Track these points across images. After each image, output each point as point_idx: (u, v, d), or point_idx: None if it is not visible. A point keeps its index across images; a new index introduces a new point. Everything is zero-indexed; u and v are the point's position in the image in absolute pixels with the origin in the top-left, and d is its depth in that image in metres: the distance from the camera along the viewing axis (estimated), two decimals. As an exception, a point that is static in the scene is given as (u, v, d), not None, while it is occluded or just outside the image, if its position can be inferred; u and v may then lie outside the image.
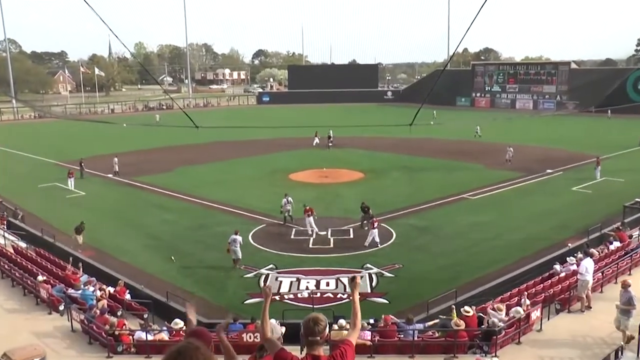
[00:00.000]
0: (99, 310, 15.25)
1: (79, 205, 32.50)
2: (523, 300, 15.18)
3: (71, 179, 36.19)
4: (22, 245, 23.74)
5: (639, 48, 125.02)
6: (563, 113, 74.98)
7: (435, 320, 15.34)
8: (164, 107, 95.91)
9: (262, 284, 20.27)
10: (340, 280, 20.40)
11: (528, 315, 14.33)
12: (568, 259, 19.21)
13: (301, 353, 4.34)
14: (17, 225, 26.94)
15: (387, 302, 18.85)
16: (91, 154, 46.81)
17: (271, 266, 22.09)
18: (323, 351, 4.23)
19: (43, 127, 72.21)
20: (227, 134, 50.26)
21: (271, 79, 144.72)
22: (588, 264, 15.75)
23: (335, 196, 33.35)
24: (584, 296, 15.62)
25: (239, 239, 22.59)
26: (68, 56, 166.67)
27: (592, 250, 19.11)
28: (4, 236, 24.41)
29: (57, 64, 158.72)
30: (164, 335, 14.72)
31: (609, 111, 68.43)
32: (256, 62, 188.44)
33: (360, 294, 4.76)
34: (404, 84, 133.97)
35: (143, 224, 28.44)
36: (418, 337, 14.02)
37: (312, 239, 25.29)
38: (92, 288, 17.71)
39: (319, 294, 19.30)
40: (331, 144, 52.17)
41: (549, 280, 17.79)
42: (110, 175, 40.03)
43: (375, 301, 18.78)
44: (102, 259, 22.67)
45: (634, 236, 22.10)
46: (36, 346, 13.70)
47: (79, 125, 67.04)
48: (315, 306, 17.77)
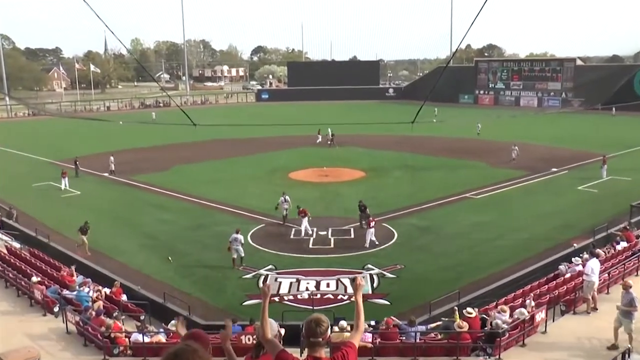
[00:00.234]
0: (95, 312, 15.24)
1: (74, 205, 32.51)
2: (527, 301, 15.19)
3: (65, 179, 35.90)
4: (16, 245, 23.70)
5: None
6: (568, 111, 74.98)
7: (438, 322, 15.35)
8: (161, 104, 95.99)
9: (261, 284, 20.28)
10: (341, 281, 20.41)
11: (532, 317, 14.33)
12: (573, 259, 19.20)
13: (301, 355, 4.34)
14: (10, 225, 26.91)
15: (388, 303, 18.86)
16: (86, 152, 46.82)
17: (270, 267, 22.11)
18: (324, 353, 4.22)
19: (37, 125, 72.17)
20: (226, 132, 50.22)
21: (270, 76, 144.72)
22: (594, 265, 15.74)
23: (336, 195, 33.37)
24: (590, 297, 15.62)
25: (240, 237, 22.62)
26: (63, 52, 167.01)
27: (598, 250, 19.08)
28: (-3, 236, 24.42)
29: (52, 61, 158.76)
30: (161, 337, 14.72)
31: (614, 108, 68.39)
32: (255, 58, 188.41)
33: (362, 295, 4.75)
34: (406, 81, 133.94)
35: (139, 223, 28.46)
36: (420, 339, 14.03)
37: (312, 239, 25.31)
38: (87, 289, 17.73)
39: (319, 295, 19.31)
40: (330, 142, 52.15)
41: (554, 281, 17.80)
42: (106, 174, 40.04)
43: (377, 302, 18.78)
44: (98, 260, 22.69)
45: (640, 236, 22.08)
46: (30, 348, 13.70)
47: (74, 123, 67.00)
48: (315, 307, 17.79)
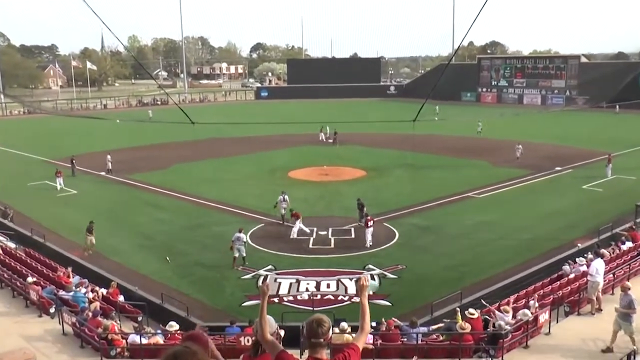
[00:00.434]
0: (91, 313, 15.24)
1: (71, 204, 32.50)
2: (531, 302, 15.18)
3: (59, 179, 35.66)
4: (11, 245, 23.71)
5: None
6: (572, 108, 74.93)
7: (440, 324, 15.34)
8: (159, 102, 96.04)
9: (260, 284, 20.29)
10: (342, 282, 20.42)
11: (536, 318, 14.33)
12: (578, 259, 19.19)
13: (301, 356, 4.33)
14: (5, 225, 26.91)
15: (389, 304, 18.86)
16: (83, 151, 46.83)
17: (270, 267, 22.11)
18: (325, 354, 4.21)
19: (33, 123, 72.18)
20: (224, 130, 50.22)
21: (270, 74, 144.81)
22: (599, 265, 15.73)
23: (336, 195, 33.36)
24: (594, 298, 15.61)
25: (243, 236, 22.75)
26: (59, 50, 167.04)
27: (603, 250, 19.04)
28: (-8, 236, 24.41)
29: (48, 58, 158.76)
30: (159, 339, 14.71)
31: (617, 106, 68.41)
32: (254, 55, 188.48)
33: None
34: (407, 78, 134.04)
35: (137, 223, 28.45)
36: (422, 341, 14.03)
37: (312, 239, 25.32)
38: (84, 290, 17.73)
39: (319, 296, 19.32)
40: (330, 140, 52.16)
41: (558, 282, 17.80)
42: (103, 173, 40.04)
43: (378, 303, 18.74)
44: (94, 260, 22.67)
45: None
46: (26, 350, 13.70)
47: (70, 121, 66.98)
48: (315, 308, 17.80)
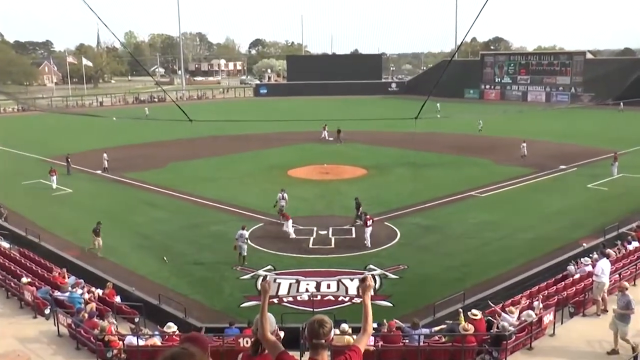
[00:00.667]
0: (87, 314, 15.23)
1: (66, 203, 32.52)
2: (535, 303, 15.18)
3: (54, 177, 35.50)
4: (5, 245, 23.70)
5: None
6: (578, 106, 74.86)
7: (442, 325, 15.33)
8: (156, 99, 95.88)
9: (259, 284, 20.31)
10: (342, 282, 20.43)
11: (540, 319, 14.32)
12: (583, 259, 19.19)
13: (301, 358, 4.33)
14: None
15: (391, 305, 18.86)
16: (78, 149, 46.75)
17: (269, 267, 22.12)
18: (326, 356, 4.21)
19: (27, 121, 72.13)
20: (223, 128, 50.19)
21: (269, 70, 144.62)
22: (604, 265, 15.73)
23: (337, 193, 33.35)
24: (600, 299, 15.60)
25: (245, 234, 22.82)
26: (54, 46, 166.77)
27: (609, 250, 19.08)
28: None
29: (42, 54, 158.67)
30: (156, 340, 14.71)
31: (621, 103, 68.41)
32: (253, 52, 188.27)
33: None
34: (409, 75, 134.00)
35: (133, 222, 28.44)
36: (424, 343, 14.03)
37: (312, 238, 25.33)
38: (80, 291, 17.72)
39: (319, 297, 19.33)
40: (331, 138, 52.17)
41: (563, 282, 17.79)
42: (99, 172, 40.03)
43: (379, 304, 18.73)
44: (90, 260, 22.70)
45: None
46: (20, 352, 13.70)
47: (65, 118, 66.95)
48: (315, 309, 17.80)
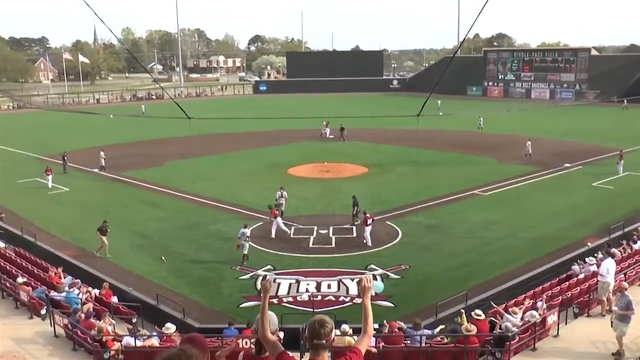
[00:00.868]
0: (84, 314, 15.24)
1: (62, 202, 32.53)
2: (539, 303, 15.18)
3: (49, 177, 35.34)
4: (0, 244, 23.68)
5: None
6: (582, 103, 74.78)
7: (442, 327, 15.33)
8: (154, 96, 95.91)
9: (259, 284, 20.32)
10: (343, 282, 20.43)
11: (544, 320, 14.32)
12: (588, 259, 19.20)
13: (301, 358, 4.33)
14: (-5, 224, 26.89)
15: (392, 305, 18.86)
16: (75, 147, 46.78)
17: (269, 267, 22.12)
18: (327, 357, 4.21)
19: (23, 118, 72.09)
20: (222, 125, 50.13)
21: (268, 67, 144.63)
22: (609, 265, 15.73)
23: (337, 192, 33.31)
24: (605, 299, 15.60)
25: (248, 232, 22.89)
26: (49, 42, 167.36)
27: (614, 250, 19.08)
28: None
29: (38, 51, 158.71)
30: (154, 341, 14.71)
31: (625, 101, 68.40)
32: (252, 48, 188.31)
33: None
34: (411, 72, 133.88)
35: (131, 221, 28.43)
36: (425, 343, 14.03)
37: (312, 237, 25.33)
38: (77, 291, 17.71)
39: (319, 297, 19.33)
40: (332, 136, 52.20)
41: (567, 282, 17.81)
42: (96, 170, 40.04)
43: (380, 305, 18.73)
44: (87, 259, 22.69)
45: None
46: (15, 353, 13.55)
47: (61, 116, 66.93)
48: (315, 310, 17.78)
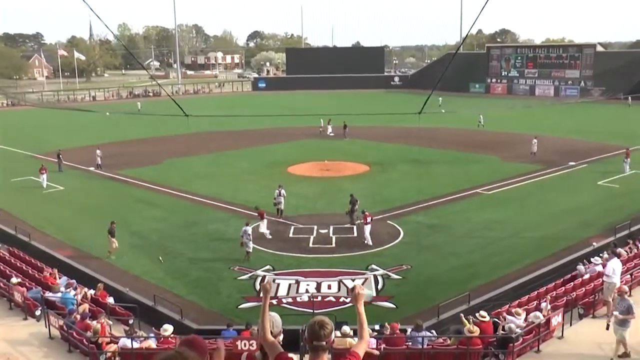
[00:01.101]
0: (80, 315, 15.24)
1: (57, 201, 32.54)
2: (543, 304, 15.17)
3: (44, 176, 35.13)
4: (-6, 244, 23.73)
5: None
6: (588, 100, 74.74)
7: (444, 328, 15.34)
8: (151, 94, 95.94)
9: (258, 284, 20.33)
10: (343, 283, 20.42)
11: (548, 321, 14.31)
12: (593, 259, 19.20)
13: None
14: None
15: (393, 306, 18.86)
16: (70, 145, 46.79)
17: (268, 267, 22.11)
18: (327, 359, 4.21)
19: (17, 116, 72.01)
20: (220, 123, 50.07)
21: (267, 64, 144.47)
22: (615, 265, 15.71)
23: (338, 191, 33.28)
24: (611, 300, 15.55)
25: (249, 229, 23.00)
26: (44, 38, 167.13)
27: (620, 250, 19.06)
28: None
29: (32, 47, 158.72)
30: (151, 343, 14.72)
31: (629, 98, 68.41)
32: (251, 44, 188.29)
33: (366, 300, 4.69)
34: (413, 68, 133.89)
35: (128, 221, 28.37)
36: (428, 345, 14.03)
37: (312, 237, 25.33)
38: (73, 291, 17.69)
39: (319, 298, 19.33)
40: (332, 134, 52.22)
41: (572, 283, 17.81)
42: (92, 168, 40.04)
43: (381, 305, 18.78)
44: (82, 260, 22.71)
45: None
46: (9, 355, 13.70)
47: (56, 113, 66.91)
48: (315, 311, 17.78)
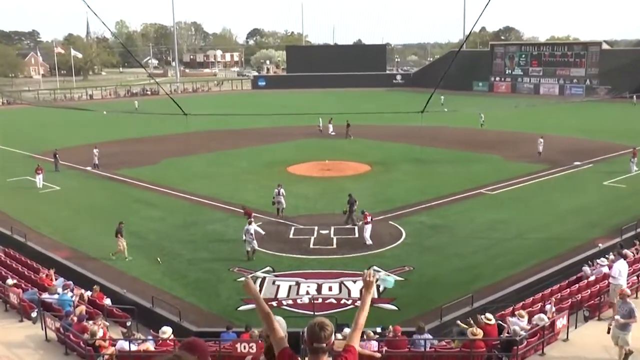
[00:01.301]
0: (77, 317, 15.23)
1: (54, 201, 32.55)
2: (547, 306, 15.15)
3: (39, 176, 34.98)
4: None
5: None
6: (593, 99, 74.70)
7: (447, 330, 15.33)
8: (149, 92, 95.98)
9: (258, 286, 20.29)
10: (344, 284, 20.41)
11: (553, 323, 14.31)
12: (599, 260, 19.16)
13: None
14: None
15: (396, 308, 18.85)
16: (67, 144, 46.84)
17: (268, 269, 22.08)
18: (327, 360, 4.21)
19: (12, 115, 72.15)
20: (219, 122, 50.17)
21: (267, 62, 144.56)
22: (621, 267, 15.70)
23: (339, 191, 33.21)
24: (616, 302, 15.56)
25: (251, 228, 23.08)
26: (40, 36, 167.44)
27: (626, 251, 19.04)
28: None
29: (28, 45, 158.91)
30: (149, 345, 14.72)
31: (635, 97, 68.44)
32: (251, 42, 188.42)
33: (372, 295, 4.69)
34: (415, 66, 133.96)
35: (126, 221, 28.33)
36: (430, 348, 14.01)
37: (313, 238, 25.32)
38: (70, 293, 17.69)
39: (320, 300, 19.31)
40: (333, 133, 52.23)
41: (577, 285, 17.78)
42: (89, 168, 40.05)
43: (383, 307, 18.75)
44: (79, 261, 22.70)
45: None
46: (5, 358, 13.69)
47: (53, 112, 66.89)
48: (316, 313, 17.75)
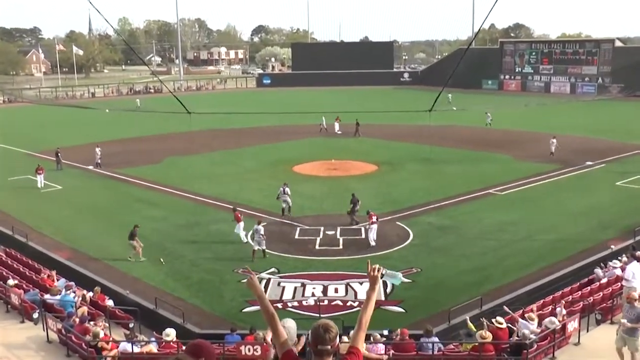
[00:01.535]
0: (79, 319, 15.27)
1: (55, 201, 32.68)
2: (558, 309, 15.11)
3: (40, 176, 34.99)
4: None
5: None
6: (605, 98, 74.37)
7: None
8: (152, 90, 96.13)
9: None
10: (350, 286, 20.41)
11: (564, 327, 14.26)
12: (611, 262, 19.10)
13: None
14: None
15: (403, 311, 18.84)
16: (69, 143, 46.96)
17: (273, 270, 22.09)
18: (331, 363, 4.22)
19: (14, 113, 72.44)
20: (223, 121, 50.25)
21: (273, 59, 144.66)
22: (635, 269, 15.63)
23: (345, 191, 33.20)
24: (623, 306, 15.49)
25: (261, 229, 23.27)
26: (42, 33, 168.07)
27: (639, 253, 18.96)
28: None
29: (30, 42, 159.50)
30: (153, 347, 14.74)
31: None
32: (256, 39, 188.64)
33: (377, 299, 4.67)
34: (423, 64, 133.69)
35: (128, 221, 28.31)
36: (438, 351, 13.99)
37: (318, 239, 25.32)
38: (72, 294, 17.74)
39: (326, 301, 19.32)
40: (340, 132, 52.25)
41: (589, 287, 17.72)
42: (91, 167, 40.19)
43: (390, 310, 18.75)
44: (81, 261, 22.78)
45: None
46: (6, 359, 13.75)
47: (55, 110, 67.24)
48: (322, 315, 17.77)
